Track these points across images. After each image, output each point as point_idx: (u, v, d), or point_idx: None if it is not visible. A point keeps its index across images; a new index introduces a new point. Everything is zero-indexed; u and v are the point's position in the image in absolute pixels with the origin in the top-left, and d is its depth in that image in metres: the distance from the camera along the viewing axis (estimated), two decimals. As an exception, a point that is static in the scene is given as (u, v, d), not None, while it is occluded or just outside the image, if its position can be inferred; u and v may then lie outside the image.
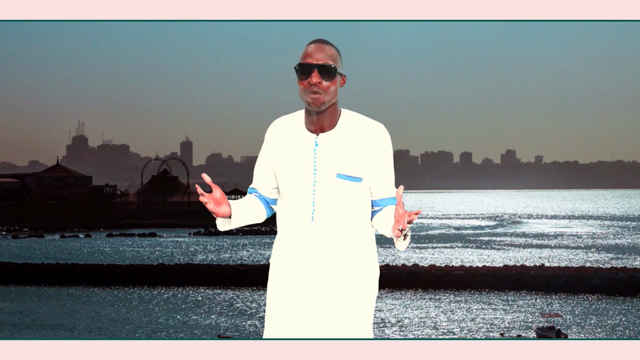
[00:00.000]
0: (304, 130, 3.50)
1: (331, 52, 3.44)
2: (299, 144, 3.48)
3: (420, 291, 45.69)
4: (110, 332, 34.55)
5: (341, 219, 3.45)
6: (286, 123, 3.54)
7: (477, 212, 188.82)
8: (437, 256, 66.08)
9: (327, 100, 3.42)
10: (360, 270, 3.49)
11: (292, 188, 3.48)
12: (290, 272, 3.48)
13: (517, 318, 37.48)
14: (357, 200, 3.47)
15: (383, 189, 3.52)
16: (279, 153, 3.51)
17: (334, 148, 3.45)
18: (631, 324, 36.21)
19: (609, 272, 47.08)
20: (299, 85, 3.43)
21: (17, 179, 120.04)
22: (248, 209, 3.56)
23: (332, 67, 3.41)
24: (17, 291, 47.64)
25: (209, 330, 35.29)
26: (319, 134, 3.47)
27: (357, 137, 3.46)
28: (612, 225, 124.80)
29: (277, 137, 3.53)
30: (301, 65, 3.42)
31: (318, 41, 3.46)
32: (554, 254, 69.31)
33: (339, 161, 3.44)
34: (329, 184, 3.44)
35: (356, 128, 3.48)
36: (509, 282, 46.76)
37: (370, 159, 3.47)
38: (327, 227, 3.44)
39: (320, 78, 3.39)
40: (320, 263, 3.46)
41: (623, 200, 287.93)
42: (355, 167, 3.45)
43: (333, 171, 3.44)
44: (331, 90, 3.41)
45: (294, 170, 3.47)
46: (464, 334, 33.58)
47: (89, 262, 59.37)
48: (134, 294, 46.14)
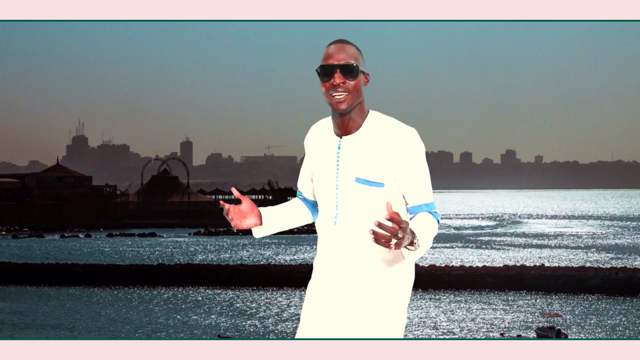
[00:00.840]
0: (331, 133, 3.46)
1: (352, 51, 3.37)
2: (326, 147, 3.46)
3: (420, 291, 45.67)
4: (110, 332, 34.54)
5: (362, 224, 3.36)
6: (321, 126, 3.53)
7: (477, 212, 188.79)
8: (437, 256, 66.05)
9: (352, 101, 3.35)
10: (381, 276, 3.39)
11: (319, 192, 3.47)
12: (318, 274, 3.51)
13: (517, 318, 37.47)
14: (378, 205, 3.36)
15: (413, 196, 3.38)
16: (312, 157, 3.51)
17: (355, 151, 3.38)
18: (631, 324, 36.20)
19: (609, 272, 47.06)
20: (322, 87, 3.36)
21: (17, 179, 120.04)
22: (286, 214, 3.56)
23: (354, 65, 3.34)
24: (17, 291, 47.63)
25: (209, 330, 35.28)
26: (342, 136, 3.42)
27: (381, 140, 3.36)
28: (612, 225, 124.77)
29: (312, 140, 3.53)
30: (323, 67, 3.35)
31: (338, 41, 3.40)
32: (554, 254, 69.29)
33: (359, 165, 3.36)
34: (349, 189, 3.38)
35: (382, 131, 3.37)
36: (509, 282, 46.75)
37: (395, 164, 3.34)
38: (348, 231, 3.38)
39: (344, 78, 3.32)
40: (341, 267, 3.42)
41: (623, 200, 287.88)
42: (375, 172, 3.34)
43: (352, 175, 3.37)
44: (357, 90, 3.34)
45: (320, 174, 3.45)
46: (464, 334, 33.57)
47: (89, 262, 59.35)
48: (134, 294, 46.13)
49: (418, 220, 3.32)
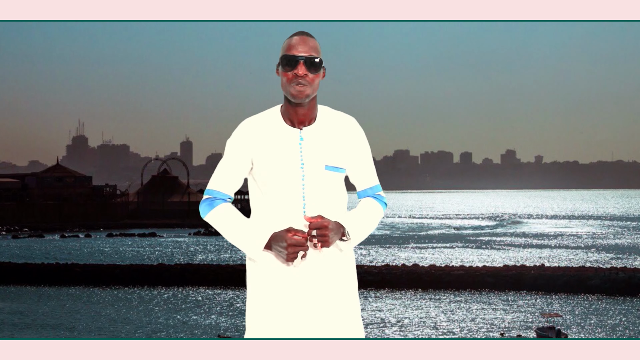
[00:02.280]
0: (284, 126, 3.48)
1: (315, 45, 3.45)
2: (283, 139, 3.47)
3: (420, 291, 45.68)
4: (110, 332, 34.54)
5: (331, 210, 3.48)
6: (261, 121, 3.51)
7: (477, 212, 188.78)
8: (437, 256, 66.06)
9: (311, 92, 3.42)
10: (348, 260, 3.54)
11: (279, 183, 3.46)
12: (283, 267, 3.47)
13: (517, 318, 37.47)
14: (340, 190, 3.53)
15: (361, 181, 3.58)
16: (261, 150, 3.47)
17: (319, 141, 3.47)
18: (631, 324, 36.20)
19: (609, 272, 47.06)
20: (283, 77, 3.42)
21: (17, 179, 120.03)
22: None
23: (318, 60, 3.42)
24: (17, 291, 47.63)
25: (209, 330, 35.28)
26: (301, 128, 3.47)
27: (337, 130, 3.50)
28: (612, 225, 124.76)
29: (254, 135, 3.50)
30: (286, 56, 3.41)
31: (302, 33, 3.46)
32: (554, 254, 69.29)
33: (326, 153, 3.47)
34: (317, 177, 3.46)
35: (335, 121, 3.52)
36: (509, 282, 46.75)
37: (352, 150, 3.53)
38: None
39: (307, 70, 3.40)
40: (316, 256, 3.47)
41: (623, 200, 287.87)
42: (340, 159, 3.50)
43: (321, 163, 3.46)
44: (315, 83, 3.42)
45: (281, 165, 3.45)
46: (464, 334, 33.57)
47: (89, 262, 59.37)
48: (134, 294, 46.13)
49: (356, 209, 3.54)
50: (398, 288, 46.51)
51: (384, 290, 45.76)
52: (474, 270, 48.88)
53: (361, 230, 3.50)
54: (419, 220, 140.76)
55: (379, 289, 46.35)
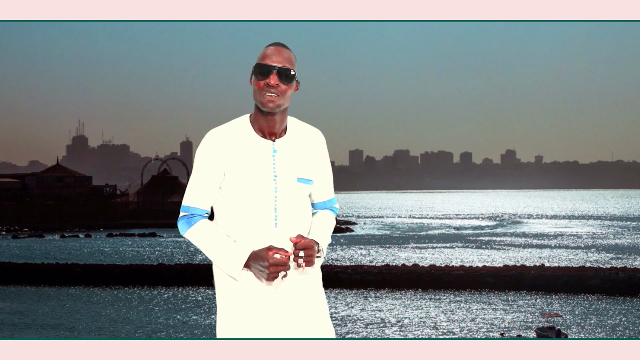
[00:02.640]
0: (255, 137, 3.45)
1: (290, 57, 3.44)
2: (255, 151, 3.44)
3: (420, 291, 45.67)
4: (110, 332, 34.54)
5: (301, 222, 3.50)
6: (230, 131, 3.46)
7: (477, 212, 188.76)
8: (437, 256, 66.06)
9: (282, 103, 3.41)
10: (317, 268, 3.58)
11: (252, 196, 3.42)
12: (256, 281, 3.46)
13: (517, 318, 37.47)
14: (307, 202, 3.56)
15: (322, 194, 3.62)
16: (232, 162, 3.43)
17: (290, 153, 3.48)
18: (631, 324, 36.20)
19: (609, 272, 47.06)
20: (255, 85, 3.41)
21: (17, 179, 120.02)
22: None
23: (291, 71, 3.41)
24: (17, 291, 47.62)
25: (209, 330, 35.28)
26: (274, 139, 3.46)
27: (307, 142, 3.52)
28: (612, 225, 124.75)
29: (224, 146, 3.44)
30: (260, 65, 3.40)
31: (278, 44, 3.46)
32: (554, 254, 69.29)
33: (298, 166, 3.48)
34: (290, 189, 3.46)
35: (303, 133, 3.54)
36: (509, 282, 46.75)
37: (319, 163, 3.56)
38: (289, 231, 3.45)
39: (279, 81, 3.39)
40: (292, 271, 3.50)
41: (623, 200, 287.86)
42: (310, 171, 3.52)
43: (294, 175, 3.46)
44: (287, 95, 3.42)
45: (253, 178, 3.42)
46: (464, 334, 33.57)
47: (89, 262, 59.36)
48: (134, 294, 46.13)
49: (318, 223, 3.56)
50: (398, 288, 46.50)
51: (384, 290, 45.75)
52: (474, 270, 48.88)
53: (327, 244, 3.56)
54: (419, 220, 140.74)
55: (379, 289, 46.35)
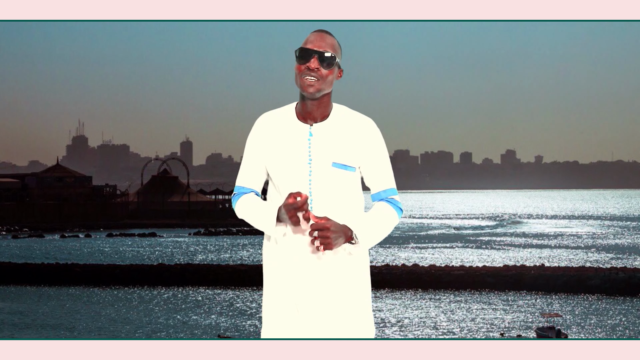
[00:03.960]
0: (296, 121, 3.49)
1: (332, 42, 3.45)
2: (293, 135, 3.47)
3: (420, 291, 45.67)
4: (110, 332, 34.53)
5: (337, 207, 3.46)
6: (276, 116, 3.52)
7: (477, 212, 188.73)
8: (437, 256, 66.05)
9: (323, 88, 3.42)
10: (356, 259, 3.51)
11: (288, 179, 3.46)
12: (290, 264, 3.48)
13: (517, 318, 37.46)
14: (350, 189, 3.49)
15: (376, 183, 3.53)
16: (272, 145, 3.49)
17: (328, 138, 3.46)
18: (631, 324, 36.19)
19: (609, 272, 47.05)
20: (296, 69, 3.43)
21: (17, 179, 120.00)
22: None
23: (332, 55, 3.41)
24: (17, 291, 47.61)
25: (209, 330, 35.28)
26: (312, 124, 3.47)
27: (350, 128, 3.48)
28: (612, 225, 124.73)
29: (268, 130, 3.51)
30: (301, 49, 3.42)
31: (321, 31, 3.48)
32: (554, 254, 69.28)
33: (334, 150, 3.45)
34: (324, 173, 3.45)
35: (348, 120, 3.49)
36: (509, 282, 46.74)
37: (365, 151, 3.49)
38: (324, 215, 3.43)
39: (319, 65, 3.40)
40: (328, 258, 3.47)
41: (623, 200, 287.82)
42: (349, 157, 3.46)
43: (329, 160, 3.44)
44: (328, 80, 3.42)
45: (289, 161, 3.46)
46: (464, 334, 33.57)
47: (89, 262, 59.34)
48: (134, 294, 46.12)
49: (368, 213, 3.50)
50: (398, 288, 46.49)
51: (384, 290, 45.74)
52: (474, 270, 48.87)
53: (371, 234, 3.44)
54: (419, 220, 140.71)
55: (379, 289, 46.33)
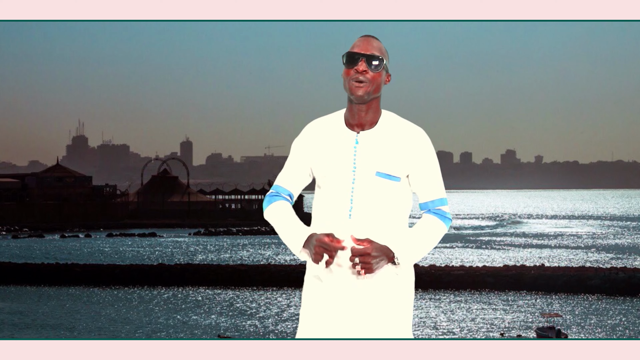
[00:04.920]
0: (344, 128, 3.46)
1: (379, 46, 3.44)
2: (339, 141, 3.45)
3: (420, 291, 45.66)
4: (110, 332, 34.53)
5: (378, 217, 3.41)
6: (325, 122, 3.51)
7: (477, 212, 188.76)
8: (437, 256, 66.04)
9: (371, 91, 3.39)
10: (392, 268, 3.45)
11: (331, 185, 3.43)
12: (326, 270, 3.44)
13: (517, 318, 37.46)
14: (395, 200, 3.43)
15: (424, 194, 3.49)
16: (318, 150, 3.47)
17: (374, 146, 3.41)
18: (631, 324, 36.20)
19: (609, 272, 47.06)
20: (344, 74, 3.41)
21: (17, 179, 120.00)
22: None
23: (380, 58, 3.40)
24: (17, 291, 47.62)
25: (209, 330, 35.28)
26: (359, 131, 3.44)
27: (398, 137, 3.43)
28: (612, 225, 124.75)
29: (316, 135, 3.49)
30: (349, 53, 3.41)
31: (367, 35, 3.47)
32: (554, 254, 69.28)
33: (379, 159, 3.41)
34: (367, 182, 3.40)
35: (397, 128, 3.44)
36: (509, 282, 46.75)
37: (412, 160, 3.43)
38: (364, 225, 3.39)
39: (367, 67, 3.37)
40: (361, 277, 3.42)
41: (623, 200, 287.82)
42: (394, 167, 3.41)
43: (372, 169, 3.40)
44: (376, 83, 3.39)
45: (334, 167, 3.43)
46: (464, 334, 33.56)
47: (89, 262, 59.35)
48: (134, 294, 46.13)
49: (413, 229, 3.47)
50: (398, 288, 46.48)
51: (384, 290, 45.75)
52: (474, 270, 48.87)
53: (413, 253, 3.40)
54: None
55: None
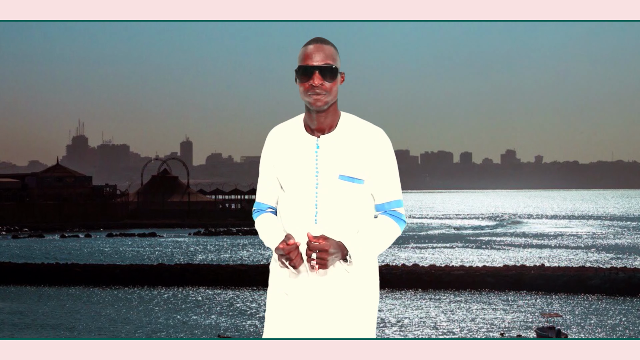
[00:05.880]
0: (304, 133, 3.47)
1: (330, 52, 3.41)
2: (300, 147, 3.46)
3: (420, 291, 45.68)
4: (110, 332, 34.54)
5: (344, 220, 3.43)
6: (285, 128, 3.52)
7: (477, 212, 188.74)
8: (437, 256, 66.06)
9: (329, 100, 3.40)
10: (362, 271, 3.50)
11: (295, 191, 3.45)
12: (294, 274, 3.47)
13: (517, 318, 37.46)
14: (358, 202, 3.45)
15: (380, 195, 3.49)
16: (281, 158, 3.48)
17: (335, 149, 3.43)
18: (631, 324, 36.20)
19: (609, 272, 47.06)
20: (301, 87, 3.40)
21: (17, 179, 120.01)
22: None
23: (333, 67, 3.39)
24: (17, 291, 47.62)
25: (209, 330, 35.28)
26: (319, 136, 3.45)
27: (358, 139, 3.44)
28: (612, 225, 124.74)
29: (277, 142, 3.51)
30: (302, 67, 3.40)
31: (316, 40, 3.43)
32: (554, 254, 69.29)
33: (341, 163, 3.42)
34: (331, 186, 3.42)
35: (356, 131, 3.45)
36: (509, 282, 46.75)
37: (372, 162, 3.44)
38: (330, 228, 3.42)
39: (322, 80, 3.37)
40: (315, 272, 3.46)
41: (623, 200, 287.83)
42: (357, 169, 3.43)
43: (335, 173, 3.42)
44: (333, 90, 3.40)
45: (296, 173, 3.45)
46: (464, 334, 33.57)
47: (89, 262, 59.35)
48: (134, 294, 46.13)
49: (367, 228, 3.45)
50: (398, 288, 46.50)
51: (384, 290, 45.74)
52: (474, 270, 48.88)
53: (367, 252, 3.42)
54: (419, 220, 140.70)
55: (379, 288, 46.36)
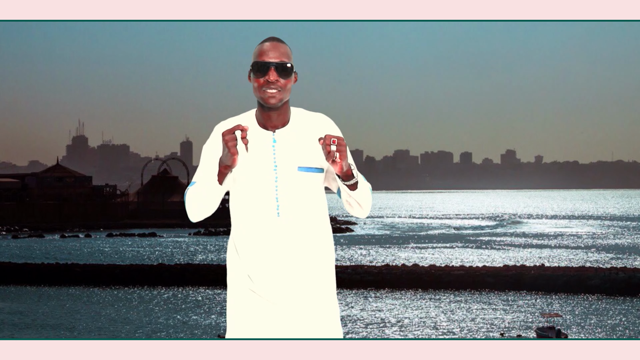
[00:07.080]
0: (258, 128, 3.52)
1: (286, 50, 3.50)
2: (256, 142, 3.50)
3: (420, 291, 45.67)
4: (110, 332, 34.54)
5: (306, 211, 3.49)
6: (233, 124, 3.54)
7: (477, 212, 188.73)
8: (437, 256, 66.06)
9: (283, 97, 3.46)
10: (325, 261, 3.54)
11: (253, 186, 3.48)
12: (259, 269, 3.49)
13: (517, 318, 37.47)
14: (317, 192, 3.53)
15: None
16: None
17: (291, 142, 3.50)
18: (631, 324, 36.20)
19: (609, 272, 47.07)
20: (255, 82, 3.46)
21: (17, 179, 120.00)
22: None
23: (289, 65, 3.46)
24: (17, 291, 47.62)
25: (209, 330, 35.29)
26: (274, 130, 3.51)
27: (309, 129, 3.52)
28: (612, 225, 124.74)
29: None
30: (257, 63, 3.47)
31: (272, 39, 3.52)
32: (554, 254, 69.28)
33: (298, 154, 3.49)
34: (291, 178, 3.48)
35: (307, 121, 3.53)
36: (509, 282, 46.76)
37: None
38: (293, 221, 3.47)
39: (278, 76, 3.44)
40: (289, 258, 3.48)
41: (623, 200, 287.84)
42: (314, 159, 3.50)
43: (294, 165, 3.48)
44: (287, 88, 3.46)
45: (254, 168, 3.48)
46: (464, 334, 33.57)
47: (89, 262, 59.35)
48: (134, 294, 46.13)
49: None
50: (398, 288, 46.50)
51: (384, 290, 45.75)
52: (474, 270, 48.88)
53: (361, 185, 3.46)
54: (419, 220, 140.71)
55: (379, 289, 46.35)
